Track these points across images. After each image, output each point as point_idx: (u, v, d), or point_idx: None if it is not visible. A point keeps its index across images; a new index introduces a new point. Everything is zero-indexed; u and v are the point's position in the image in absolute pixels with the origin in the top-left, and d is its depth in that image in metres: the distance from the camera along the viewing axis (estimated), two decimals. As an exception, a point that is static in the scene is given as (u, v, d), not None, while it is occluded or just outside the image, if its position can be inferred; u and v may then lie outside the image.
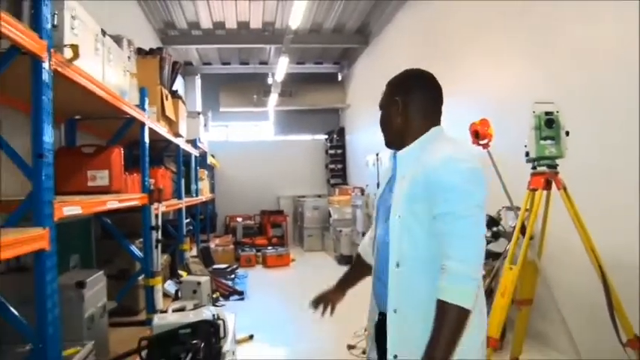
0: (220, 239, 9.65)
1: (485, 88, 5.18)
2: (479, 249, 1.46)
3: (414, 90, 1.67)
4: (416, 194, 1.53)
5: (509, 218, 4.08)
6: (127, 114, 3.16)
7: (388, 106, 1.71)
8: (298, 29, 8.26)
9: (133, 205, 3.33)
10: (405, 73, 1.72)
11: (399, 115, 1.67)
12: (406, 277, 1.53)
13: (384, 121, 1.73)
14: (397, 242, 1.55)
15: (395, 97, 1.68)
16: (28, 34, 1.69)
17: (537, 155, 3.01)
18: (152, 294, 3.54)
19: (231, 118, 12.53)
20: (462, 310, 1.39)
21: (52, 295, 1.80)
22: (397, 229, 1.55)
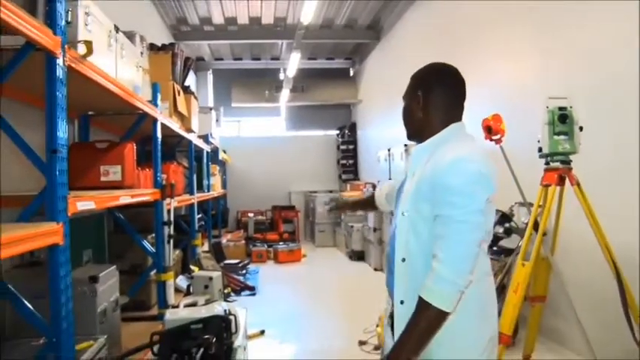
0: (232, 234, 9.67)
1: (498, 83, 5.12)
2: (468, 255, 1.46)
3: (436, 85, 1.66)
4: (422, 193, 1.55)
5: (521, 214, 4.04)
6: (139, 109, 3.18)
7: (410, 100, 1.71)
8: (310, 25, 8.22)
9: (146, 201, 3.35)
10: (428, 67, 1.72)
11: (419, 110, 1.68)
12: (411, 272, 1.56)
13: (406, 114, 1.74)
14: (403, 238, 1.58)
15: (417, 92, 1.68)
16: (43, 30, 1.70)
17: (551, 151, 2.98)
18: (164, 289, 3.57)
19: (243, 114, 12.53)
20: (438, 311, 1.42)
21: (65, 290, 1.82)
22: (403, 225, 1.59)
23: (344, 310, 5.51)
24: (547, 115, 2.95)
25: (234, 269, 7.30)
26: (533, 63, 4.50)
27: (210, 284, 4.59)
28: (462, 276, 1.44)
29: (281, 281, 7.29)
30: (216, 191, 7.76)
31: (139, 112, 3.28)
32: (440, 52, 6.47)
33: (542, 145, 3.02)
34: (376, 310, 3.94)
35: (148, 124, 3.51)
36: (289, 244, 9.27)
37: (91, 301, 2.53)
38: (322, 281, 7.21)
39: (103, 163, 2.97)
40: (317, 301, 5.95)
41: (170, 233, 3.69)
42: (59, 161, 1.81)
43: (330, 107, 12.55)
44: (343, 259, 8.98)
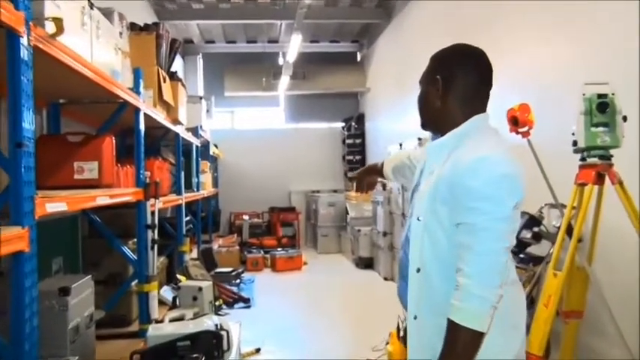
0: (224, 239, 9.67)
1: (526, 67, 5.07)
2: (496, 267, 1.45)
3: (459, 69, 1.62)
4: (440, 195, 1.53)
5: (553, 217, 4.02)
6: (119, 98, 3.15)
7: (427, 84, 1.68)
8: (312, 3, 8.19)
9: (126, 201, 3.34)
10: (451, 47, 1.68)
11: (437, 98, 1.64)
12: (426, 284, 1.56)
13: (422, 100, 1.70)
14: (417, 246, 1.57)
15: (436, 75, 1.64)
16: (2, 4, 1.66)
17: (587, 144, 2.94)
18: (146, 301, 3.55)
19: (236, 104, 12.52)
20: (473, 333, 1.41)
21: (30, 304, 1.78)
22: (417, 231, 1.58)
23: (350, 325, 5.48)
24: (583, 104, 2.90)
25: (227, 279, 7.30)
26: (568, 43, 4.44)
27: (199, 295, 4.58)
28: (492, 290, 1.44)
29: (279, 292, 7.27)
30: (206, 191, 7.76)
31: (118, 100, 3.26)
32: (460, 33, 6.41)
33: (578, 138, 2.98)
34: (386, 325, 3.91)
35: (128, 115, 3.49)
36: (289, 251, 9.26)
37: (61, 317, 2.50)
38: (325, 292, 7.19)
39: (76, 158, 2.95)
40: (319, 315, 5.92)
41: (154, 238, 3.68)
42: (25, 156, 1.77)
43: (335, 96, 12.52)
44: (349, 267, 8.96)
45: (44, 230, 2.01)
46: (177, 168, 5.59)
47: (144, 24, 4.41)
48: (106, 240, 3.65)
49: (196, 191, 6.82)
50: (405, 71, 8.68)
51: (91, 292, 2.88)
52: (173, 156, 5.80)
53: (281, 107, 12.94)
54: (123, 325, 3.80)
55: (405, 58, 8.85)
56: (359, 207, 9.36)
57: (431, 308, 1.55)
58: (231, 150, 11.85)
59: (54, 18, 2.00)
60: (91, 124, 3.96)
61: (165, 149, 6.11)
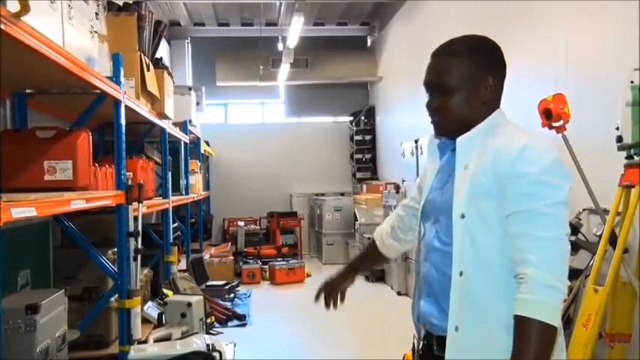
0: (216, 249, 9.66)
1: (562, 51, 5.02)
2: (563, 253, 1.51)
3: (503, 68, 1.73)
4: (483, 189, 1.57)
5: (593, 224, 3.99)
6: (95, 88, 3.14)
7: (470, 85, 1.67)
8: (316, -20, 8.16)
9: (105, 206, 3.34)
10: (489, 41, 1.74)
11: (482, 99, 1.68)
12: (472, 289, 1.58)
13: (457, 104, 1.69)
14: (460, 247, 1.60)
15: (487, 75, 1.67)
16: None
17: (635, 141, 2.93)
18: (128, 319, 3.52)
19: (230, 95, 12.52)
20: (546, 326, 1.43)
21: (-8, 324, 1.75)
22: (460, 230, 1.60)
23: (358, 346, 5.46)
24: (631, 93, 2.89)
25: (220, 293, 7.30)
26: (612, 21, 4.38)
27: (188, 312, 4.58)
28: (562, 280, 1.47)
29: (279, 308, 7.26)
30: (196, 193, 7.77)
31: (95, 91, 3.25)
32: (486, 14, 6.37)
33: (623, 134, 2.98)
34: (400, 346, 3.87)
35: (107, 108, 3.48)
36: (289, 261, 9.25)
37: (28, 338, 2.48)
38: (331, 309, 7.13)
39: (47, 157, 2.94)
40: (324, 334, 5.89)
41: (137, 247, 3.67)
42: (-16, 154, 1.75)
43: (342, 87, 12.51)
44: (358, 280, 8.87)
45: (9, 239, 1.97)
46: (164, 168, 5.60)
47: (123, 3, 4.38)
48: (82, 250, 3.63)
49: (185, 194, 6.84)
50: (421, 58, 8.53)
51: (63, 309, 2.86)
52: (159, 154, 5.81)
53: (281, 99, 12.93)
54: (100, 346, 3.77)
55: (422, 42, 8.80)
56: (369, 212, 9.33)
57: (474, 317, 1.56)
58: (225, 148, 11.84)
59: (18, -5, 1.97)
60: (64, 118, 3.96)
61: (150, 147, 6.13)
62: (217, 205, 11.65)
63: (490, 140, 1.62)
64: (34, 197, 2.29)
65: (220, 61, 11.62)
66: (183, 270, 6.80)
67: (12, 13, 1.98)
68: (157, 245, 5.66)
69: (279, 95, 12.89)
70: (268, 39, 11.41)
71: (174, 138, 6.16)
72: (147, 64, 4.37)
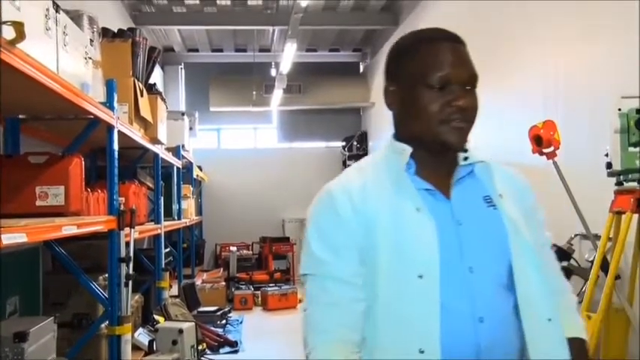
0: (208, 274, 9.60)
1: (551, 78, 5.08)
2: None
3: None
4: (524, 221, 1.41)
5: (585, 250, 4.00)
6: (89, 113, 3.14)
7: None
8: (309, 6, 8.23)
9: (97, 231, 3.30)
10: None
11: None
12: (559, 332, 1.37)
13: (475, 104, 1.42)
14: (534, 286, 1.38)
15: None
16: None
17: (624, 167, 2.95)
18: (118, 346, 3.47)
19: (223, 121, 12.54)
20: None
21: (-20, 353, 1.73)
22: (527, 265, 1.38)
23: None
24: (619, 120, 2.91)
25: (211, 319, 7.23)
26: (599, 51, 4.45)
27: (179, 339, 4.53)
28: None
29: (271, 334, 7.21)
30: (188, 219, 7.74)
31: (88, 116, 3.24)
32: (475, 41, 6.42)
33: (613, 160, 3.00)
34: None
35: (100, 133, 3.47)
36: (282, 287, 9.19)
37: (17, 367, 2.44)
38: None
39: (39, 182, 2.92)
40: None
41: (128, 273, 3.64)
42: (-24, 180, 1.74)
43: (335, 112, 12.56)
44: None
45: (-2, 266, 1.95)
46: (156, 193, 5.59)
47: (118, 30, 4.41)
48: (72, 276, 3.57)
49: (177, 219, 6.81)
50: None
51: (52, 336, 2.81)
52: (151, 180, 5.79)
53: (274, 124, 12.96)
54: (90, 374, 3.71)
55: (414, 69, 8.89)
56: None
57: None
58: (218, 173, 11.82)
59: (13, 22, 1.98)
60: (57, 143, 3.94)
61: (143, 172, 6.10)
62: (209, 230, 11.58)
63: (479, 165, 1.45)
64: (24, 223, 2.27)
65: (214, 86, 11.65)
66: (174, 296, 6.75)
67: (7, 40, 1.98)
68: (149, 271, 5.61)
69: (272, 120, 12.91)
70: (261, 65, 11.47)
71: (166, 163, 6.15)
72: (140, 90, 4.38)
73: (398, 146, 1.43)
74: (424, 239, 1.31)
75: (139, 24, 8.97)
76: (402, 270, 1.30)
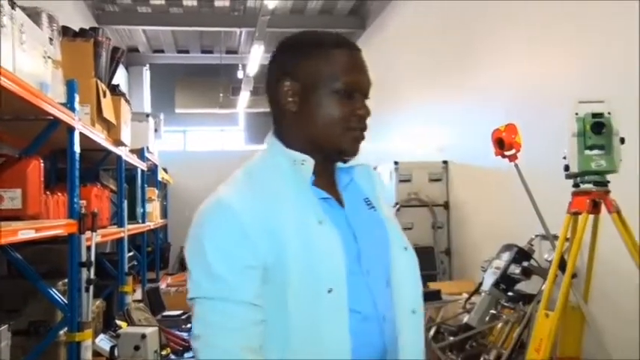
0: (173, 278, 9.43)
1: (513, 84, 5.17)
2: None
3: None
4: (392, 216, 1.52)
5: (544, 250, 4.07)
6: (48, 114, 3.07)
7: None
8: (276, 9, 8.24)
9: (56, 235, 3.25)
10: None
11: None
12: (420, 326, 1.45)
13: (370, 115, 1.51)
14: (411, 283, 1.46)
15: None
16: None
17: (581, 169, 2.99)
18: (78, 353, 3.40)
19: (189, 123, 12.46)
20: None
21: None
22: (410, 264, 1.47)
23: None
24: (576, 124, 2.95)
25: (176, 323, 7.09)
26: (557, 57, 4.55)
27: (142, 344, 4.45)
28: None
29: (237, 338, 7.12)
30: (153, 222, 7.66)
31: (47, 117, 3.16)
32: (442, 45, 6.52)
33: (570, 163, 3.03)
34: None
35: (61, 134, 3.39)
36: (248, 290, 9.11)
37: (-32, 377, 2.38)
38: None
39: (-5, 185, 2.85)
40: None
41: (89, 278, 3.56)
42: None
43: (302, 114, 12.57)
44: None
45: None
46: (120, 196, 5.49)
47: (79, 29, 4.34)
48: (29, 281, 3.47)
49: (141, 223, 6.73)
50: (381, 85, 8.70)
51: (6, 345, 2.75)
52: (114, 182, 5.70)
53: (240, 127, 12.92)
54: (48, 383, 3.63)
55: (381, 71, 8.93)
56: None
57: (420, 354, 1.42)
58: (184, 175, 11.72)
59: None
60: (14, 145, 3.85)
61: (106, 174, 6.00)
62: (175, 233, 11.45)
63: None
64: (-21, 227, 2.23)
65: (180, 87, 11.57)
66: (138, 300, 6.63)
67: (-41, 39, 1.95)
68: (112, 275, 5.51)
69: (239, 122, 12.87)
70: (228, 66, 11.43)
71: (130, 165, 6.06)
72: (103, 91, 4.30)
73: (297, 156, 1.36)
74: (330, 252, 1.29)
75: (102, 23, 8.83)
76: (312, 286, 1.26)
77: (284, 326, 1.27)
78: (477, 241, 5.83)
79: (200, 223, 1.34)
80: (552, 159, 3.27)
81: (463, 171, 6.13)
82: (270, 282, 1.27)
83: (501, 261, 4.07)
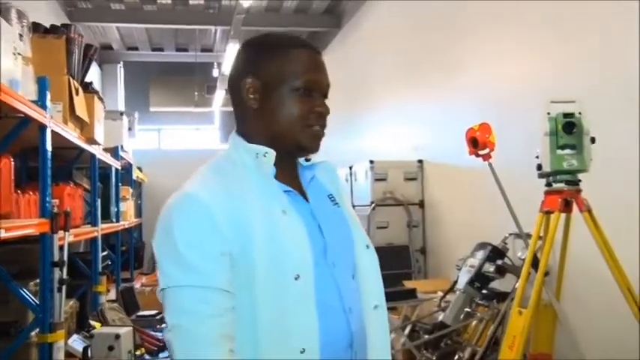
0: (148, 277, 9.36)
1: (487, 83, 5.22)
2: None
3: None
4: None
5: (518, 248, 4.11)
6: (18, 112, 2.99)
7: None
8: (252, 7, 8.20)
9: (28, 235, 3.18)
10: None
11: None
12: (384, 321, 1.50)
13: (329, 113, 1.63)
14: (373, 278, 1.52)
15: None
16: None
17: (553, 169, 3.01)
18: (50, 354, 3.35)
19: (164, 121, 12.36)
20: None
21: None
22: (373, 262, 1.53)
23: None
24: (548, 124, 2.98)
25: (151, 323, 7.01)
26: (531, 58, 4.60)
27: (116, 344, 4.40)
28: None
29: (213, 338, 7.08)
30: (127, 221, 7.58)
31: (18, 115, 3.09)
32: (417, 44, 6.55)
33: (542, 162, 3.06)
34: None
35: (32, 132, 3.32)
36: (224, 289, 9.08)
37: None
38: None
39: (-37, 183, 2.79)
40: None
41: (62, 278, 3.49)
42: None
43: (278, 113, 12.55)
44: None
45: None
46: (93, 195, 5.42)
47: (50, 25, 4.26)
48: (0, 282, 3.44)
49: (115, 222, 6.66)
50: (356, 85, 8.79)
51: (-23, 346, 2.69)
52: (88, 181, 5.63)
53: (216, 125, 12.85)
54: (20, 384, 3.56)
55: (356, 70, 8.97)
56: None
57: (386, 349, 1.49)
58: (158, 174, 11.60)
59: None
60: (-17, 143, 3.78)
61: (79, 173, 5.93)
62: (150, 232, 11.23)
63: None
64: (-53, 227, 2.18)
65: (154, 86, 11.47)
66: (112, 300, 6.57)
67: None
68: (85, 275, 5.45)
69: (214, 121, 12.80)
70: (203, 65, 11.36)
71: (104, 164, 5.99)
72: (76, 89, 4.24)
73: (259, 149, 1.40)
74: (297, 241, 1.34)
75: (75, 20, 8.71)
76: (279, 273, 1.30)
77: (251, 314, 1.29)
78: (452, 240, 5.87)
79: (168, 216, 1.36)
80: (526, 158, 3.30)
81: (438, 170, 6.17)
82: (236, 271, 1.29)
83: (476, 259, 4.11)
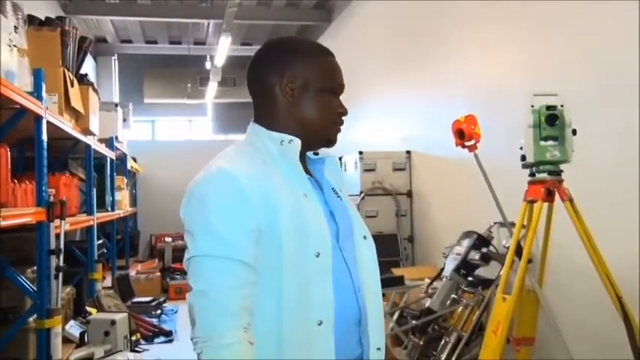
0: (143, 265, 9.42)
1: (473, 76, 5.23)
2: None
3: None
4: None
5: (502, 237, 4.15)
6: (15, 103, 3.01)
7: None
8: (243, 1, 8.17)
9: (25, 223, 3.19)
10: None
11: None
12: (380, 307, 1.56)
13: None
14: (372, 269, 1.57)
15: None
16: None
17: (536, 159, 3.03)
18: (47, 340, 3.36)
19: (158, 112, 12.30)
20: None
21: None
22: (372, 251, 1.59)
23: None
24: (532, 116, 2.98)
25: (146, 309, 7.10)
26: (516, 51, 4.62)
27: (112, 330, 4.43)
28: None
29: (206, 324, 7.11)
30: (122, 210, 7.57)
31: (14, 106, 3.10)
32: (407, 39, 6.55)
33: (526, 153, 3.06)
34: None
35: (28, 123, 3.34)
36: (217, 276, 9.10)
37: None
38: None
39: (-39, 173, 2.79)
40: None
41: (59, 265, 3.53)
42: None
43: (269, 105, 12.53)
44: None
45: None
46: (89, 184, 5.44)
47: (45, 18, 4.25)
48: (-2, 269, 3.45)
49: (111, 211, 6.66)
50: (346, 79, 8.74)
51: (-24, 331, 2.69)
52: (83, 171, 5.64)
53: (208, 117, 12.81)
54: (18, 369, 3.58)
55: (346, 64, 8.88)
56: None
57: (383, 334, 1.54)
58: (152, 164, 11.57)
59: None
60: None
61: (75, 163, 5.94)
62: (144, 221, 11.34)
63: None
64: (-55, 215, 2.18)
65: (148, 78, 11.41)
66: (108, 287, 6.60)
67: None
68: (81, 263, 5.46)
69: (207, 113, 12.75)
70: (196, 57, 11.30)
71: (99, 154, 5.99)
72: (71, 80, 4.24)
73: (284, 137, 1.49)
74: (318, 222, 1.42)
75: (70, 13, 8.62)
76: (302, 249, 1.37)
77: (277, 286, 1.35)
78: (439, 229, 5.90)
79: (202, 189, 1.42)
80: (510, 150, 3.32)
81: (425, 161, 6.19)
82: (263, 246, 1.35)
83: (462, 247, 4.14)
